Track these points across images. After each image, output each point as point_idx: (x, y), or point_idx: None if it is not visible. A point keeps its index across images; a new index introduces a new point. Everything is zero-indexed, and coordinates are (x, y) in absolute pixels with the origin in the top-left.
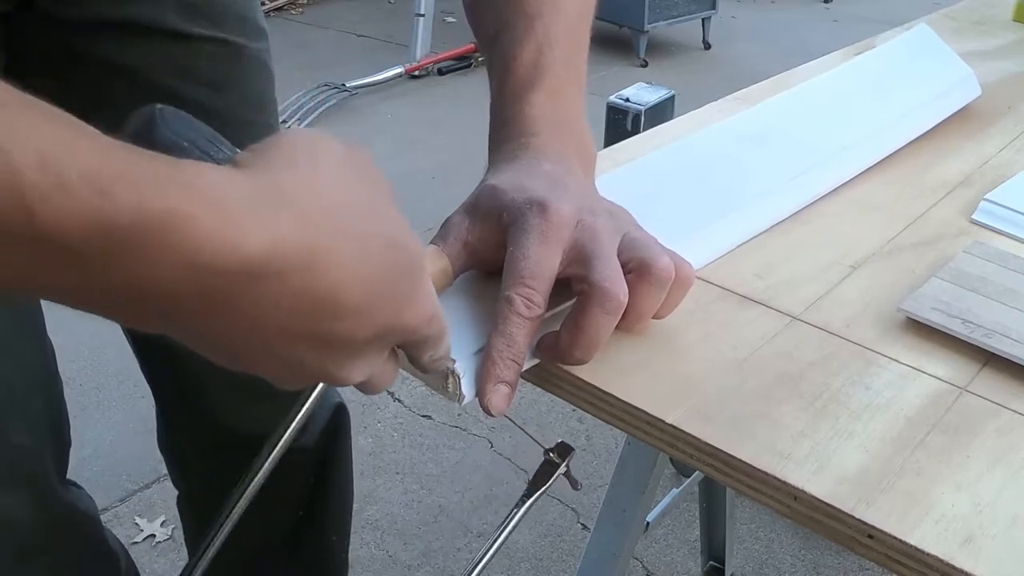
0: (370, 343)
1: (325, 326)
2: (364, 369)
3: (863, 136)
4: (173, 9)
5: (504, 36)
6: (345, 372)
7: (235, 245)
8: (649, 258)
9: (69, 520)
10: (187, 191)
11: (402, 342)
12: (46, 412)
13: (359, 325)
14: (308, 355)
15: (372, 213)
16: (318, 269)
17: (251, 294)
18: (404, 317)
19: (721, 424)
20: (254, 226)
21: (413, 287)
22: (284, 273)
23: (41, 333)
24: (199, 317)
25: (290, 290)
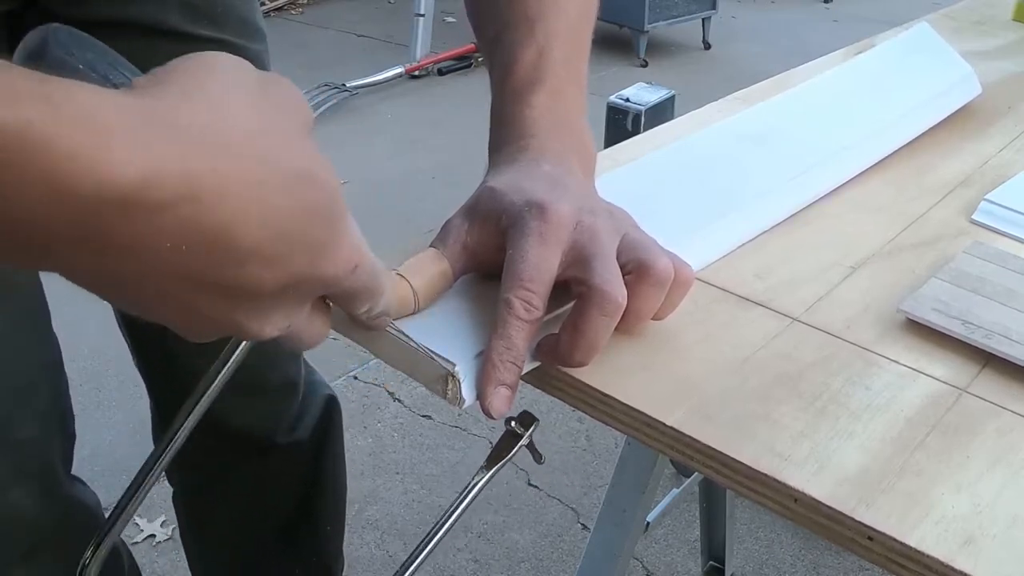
0: (282, 294)
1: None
2: (279, 322)
3: (863, 136)
4: (176, 10)
5: (505, 37)
6: (256, 325)
7: (104, 170)
8: (648, 259)
9: (74, 514)
10: (48, 106)
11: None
12: (52, 406)
13: (265, 272)
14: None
15: (283, 146)
16: (205, 201)
17: (127, 227)
18: (321, 265)
19: (721, 425)
20: (128, 150)
21: (331, 230)
22: (164, 205)
23: (46, 327)
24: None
25: (173, 225)
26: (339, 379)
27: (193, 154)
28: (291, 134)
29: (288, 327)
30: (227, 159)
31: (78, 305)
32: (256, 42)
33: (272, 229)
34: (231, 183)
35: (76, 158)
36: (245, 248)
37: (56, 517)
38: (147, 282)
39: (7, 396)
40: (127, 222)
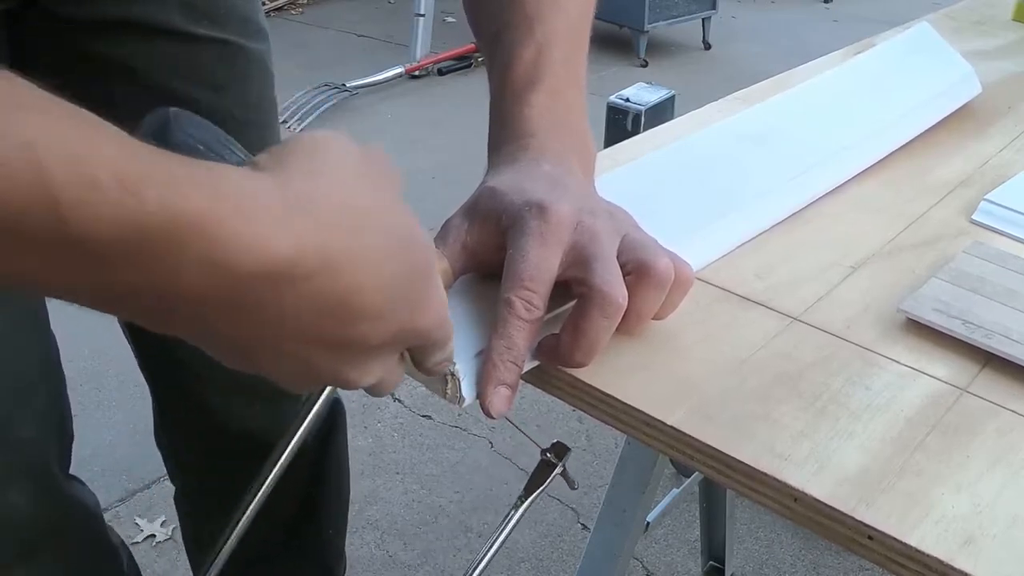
0: (384, 347)
1: (343, 329)
2: (377, 372)
3: (863, 135)
4: (177, 9)
5: (504, 36)
6: (356, 375)
7: (261, 248)
8: (648, 259)
9: (72, 514)
10: (214, 193)
11: (414, 346)
12: (50, 406)
13: (375, 328)
14: (323, 358)
15: (387, 214)
16: (339, 272)
17: (275, 297)
18: (418, 320)
19: (721, 425)
20: (278, 229)
21: (427, 289)
22: (307, 276)
23: (44, 327)
24: (222, 320)
25: (312, 293)
26: None
27: (326, 230)
28: (395, 202)
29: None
30: (352, 232)
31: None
32: (258, 41)
33: (387, 290)
34: (357, 254)
35: (237, 239)
36: (365, 310)
37: (54, 517)
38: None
39: (6, 396)
40: (277, 291)
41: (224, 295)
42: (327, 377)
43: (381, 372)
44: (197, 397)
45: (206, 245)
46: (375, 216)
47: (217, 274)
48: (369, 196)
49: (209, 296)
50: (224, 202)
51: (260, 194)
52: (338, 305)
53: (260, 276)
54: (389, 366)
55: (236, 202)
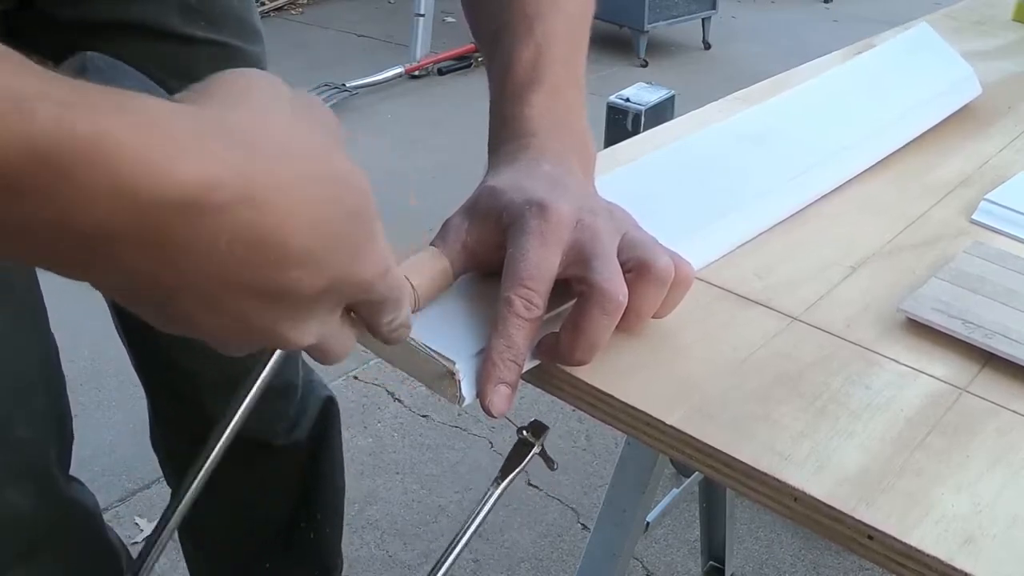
0: (321, 297)
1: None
2: (315, 328)
3: (863, 135)
4: (174, 11)
5: (503, 36)
6: (295, 332)
7: (171, 173)
8: (648, 258)
9: (72, 515)
10: (119, 114)
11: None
12: (49, 407)
13: (308, 274)
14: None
15: (321, 153)
16: (262, 205)
17: (189, 230)
18: (356, 267)
19: (721, 425)
20: (192, 155)
21: (366, 233)
22: (224, 207)
23: (44, 327)
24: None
25: (231, 227)
26: (339, 379)
27: (248, 159)
28: (331, 144)
29: (321, 336)
30: (277, 163)
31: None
32: (254, 43)
33: (318, 231)
34: (283, 186)
35: (145, 164)
36: (294, 250)
37: (54, 518)
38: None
39: (6, 396)
40: (189, 224)
41: (132, 229)
42: (262, 333)
43: (320, 330)
44: (191, 398)
45: (105, 168)
46: (306, 153)
47: (120, 204)
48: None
49: (117, 232)
50: (129, 123)
51: (171, 118)
52: (263, 243)
53: (168, 205)
54: (330, 325)
55: (140, 123)
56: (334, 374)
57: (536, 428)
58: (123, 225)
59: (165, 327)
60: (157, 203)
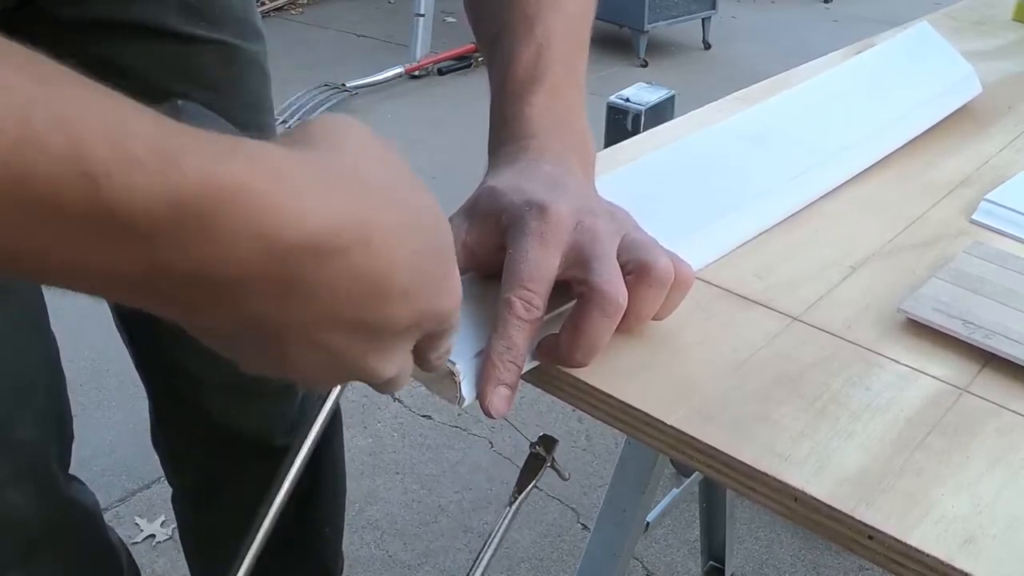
0: (408, 331)
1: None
2: (398, 361)
3: (863, 135)
4: (174, 11)
5: (504, 36)
6: (381, 365)
7: (304, 219)
8: (648, 260)
9: (72, 515)
10: (254, 163)
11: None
12: (50, 407)
13: (404, 308)
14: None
15: (412, 192)
16: (374, 246)
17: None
18: (440, 300)
19: (721, 425)
20: (317, 200)
21: (448, 269)
22: (345, 250)
23: (45, 327)
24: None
25: (349, 268)
26: None
27: (360, 203)
28: (416, 182)
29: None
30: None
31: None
32: (254, 43)
33: (414, 271)
34: (391, 228)
35: (280, 209)
36: (396, 287)
37: (54, 518)
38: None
39: (6, 397)
40: (316, 267)
41: (266, 275)
42: (351, 368)
43: (401, 362)
44: (194, 398)
45: (247, 215)
46: (401, 193)
47: (258, 251)
48: (393, 174)
49: (251, 277)
50: (264, 171)
51: (297, 166)
52: (373, 281)
53: (303, 248)
54: (407, 356)
55: (276, 172)
56: None
57: (547, 442)
58: (258, 271)
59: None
60: (292, 248)
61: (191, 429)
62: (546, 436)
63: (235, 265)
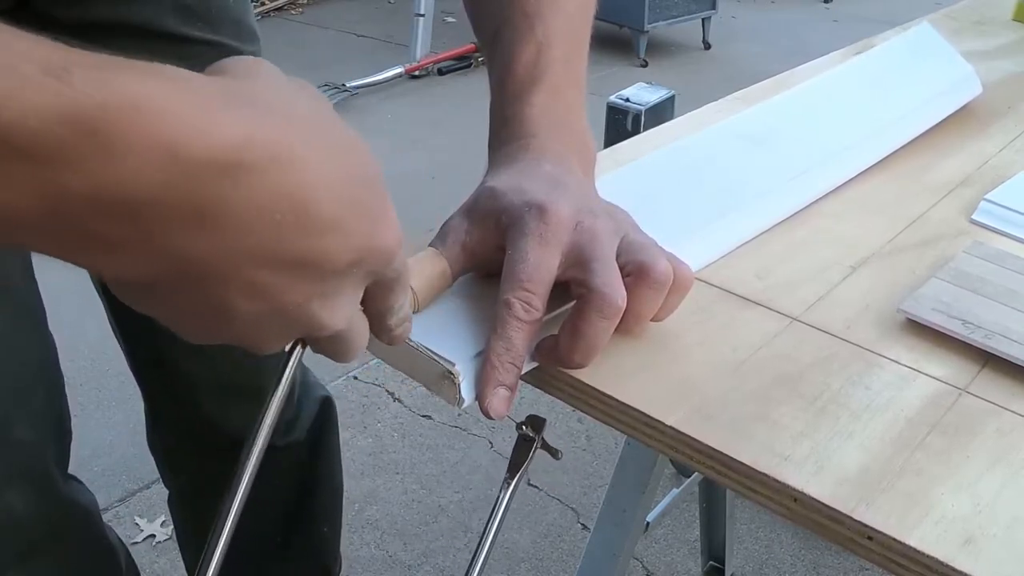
0: (348, 271)
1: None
2: (345, 309)
3: (864, 135)
4: (170, 12)
5: (504, 35)
6: (327, 312)
7: (210, 133)
8: (647, 261)
9: (71, 515)
10: (154, 78)
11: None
12: (48, 407)
13: (336, 241)
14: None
15: (330, 122)
16: (292, 166)
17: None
18: (378, 235)
19: (721, 426)
20: (227, 116)
21: (382, 202)
22: (258, 167)
23: (43, 328)
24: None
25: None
26: (339, 379)
27: (273, 123)
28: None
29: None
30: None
31: (77, 305)
32: (250, 44)
33: (342, 198)
34: (308, 149)
35: (186, 125)
36: (323, 215)
37: (53, 518)
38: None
39: (4, 397)
40: (227, 185)
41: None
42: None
43: (348, 311)
44: (189, 400)
45: (146, 129)
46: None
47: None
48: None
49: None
50: (166, 86)
51: (201, 83)
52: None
53: (210, 162)
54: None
55: (175, 87)
56: (334, 374)
57: (534, 422)
58: (164, 192)
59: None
60: (198, 163)
61: (186, 431)
62: (533, 416)
63: (138, 184)
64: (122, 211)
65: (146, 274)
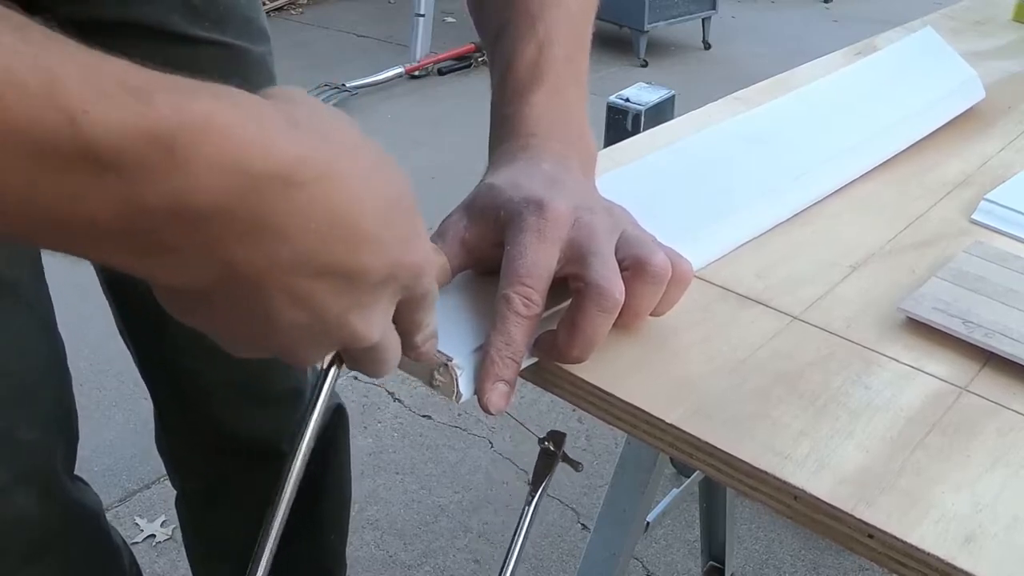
0: (383, 284)
1: (345, 254)
2: (380, 322)
3: (865, 138)
4: (177, 11)
5: (506, 34)
6: (364, 324)
7: (272, 149)
8: (645, 255)
9: (76, 515)
10: (219, 99)
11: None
12: (55, 407)
13: (374, 255)
14: (329, 296)
15: (369, 148)
16: (340, 183)
17: (286, 204)
18: (409, 252)
19: (721, 424)
20: (285, 136)
21: (414, 222)
22: (310, 182)
23: (52, 328)
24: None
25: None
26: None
27: (323, 144)
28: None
29: (383, 333)
30: (347, 150)
31: (77, 305)
32: (259, 43)
33: (379, 215)
34: (354, 169)
35: (249, 138)
36: (364, 231)
37: (59, 519)
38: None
39: (12, 399)
40: (286, 198)
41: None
42: (334, 327)
43: (383, 324)
44: (199, 404)
45: (217, 146)
46: (357, 146)
47: (229, 176)
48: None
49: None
50: (231, 107)
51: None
52: (341, 219)
53: (271, 176)
54: (388, 320)
55: (242, 108)
56: None
57: (555, 437)
58: (228, 201)
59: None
60: (261, 177)
61: (197, 435)
62: (554, 432)
63: (206, 196)
64: (191, 220)
65: (202, 281)
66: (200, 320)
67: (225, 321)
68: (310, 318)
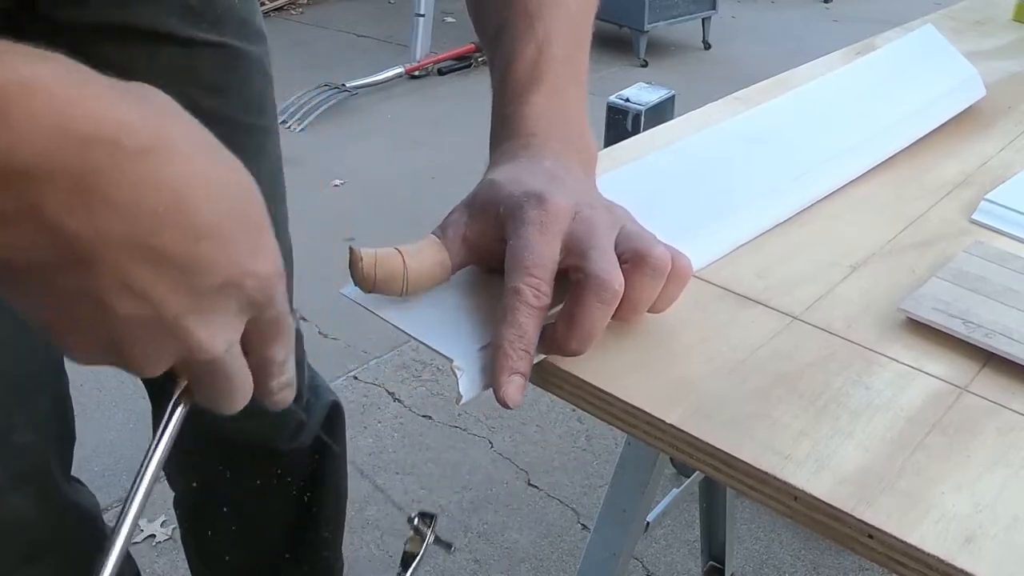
0: (225, 289)
1: (181, 243)
2: (222, 332)
3: (866, 137)
4: (175, 13)
5: (505, 34)
6: (205, 331)
7: (99, 111)
8: (644, 248)
9: (73, 517)
10: (45, 62)
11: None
12: (52, 409)
13: (214, 250)
14: (166, 291)
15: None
16: (173, 157)
17: (112, 172)
18: (257, 260)
19: (721, 424)
20: (110, 100)
21: (263, 230)
22: (144, 151)
23: None
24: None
25: (145, 173)
26: (339, 379)
27: (161, 117)
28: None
29: (228, 346)
30: (188, 132)
31: None
32: (257, 44)
33: (221, 205)
34: (191, 150)
35: (73, 102)
36: (200, 216)
37: (55, 521)
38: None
39: (9, 400)
40: (111, 164)
41: (62, 161)
42: (173, 328)
43: (227, 338)
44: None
45: (43, 104)
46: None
47: (52, 135)
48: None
49: (48, 166)
50: (61, 69)
51: (89, 72)
52: (173, 199)
53: (96, 139)
54: (233, 336)
55: (72, 72)
56: (334, 374)
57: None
58: (51, 158)
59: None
60: (88, 138)
61: (195, 436)
62: (424, 512)
63: (29, 153)
64: (14, 179)
65: (34, 252)
66: (32, 304)
67: (56, 308)
68: (145, 315)
